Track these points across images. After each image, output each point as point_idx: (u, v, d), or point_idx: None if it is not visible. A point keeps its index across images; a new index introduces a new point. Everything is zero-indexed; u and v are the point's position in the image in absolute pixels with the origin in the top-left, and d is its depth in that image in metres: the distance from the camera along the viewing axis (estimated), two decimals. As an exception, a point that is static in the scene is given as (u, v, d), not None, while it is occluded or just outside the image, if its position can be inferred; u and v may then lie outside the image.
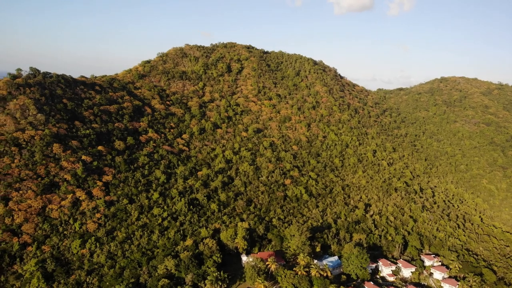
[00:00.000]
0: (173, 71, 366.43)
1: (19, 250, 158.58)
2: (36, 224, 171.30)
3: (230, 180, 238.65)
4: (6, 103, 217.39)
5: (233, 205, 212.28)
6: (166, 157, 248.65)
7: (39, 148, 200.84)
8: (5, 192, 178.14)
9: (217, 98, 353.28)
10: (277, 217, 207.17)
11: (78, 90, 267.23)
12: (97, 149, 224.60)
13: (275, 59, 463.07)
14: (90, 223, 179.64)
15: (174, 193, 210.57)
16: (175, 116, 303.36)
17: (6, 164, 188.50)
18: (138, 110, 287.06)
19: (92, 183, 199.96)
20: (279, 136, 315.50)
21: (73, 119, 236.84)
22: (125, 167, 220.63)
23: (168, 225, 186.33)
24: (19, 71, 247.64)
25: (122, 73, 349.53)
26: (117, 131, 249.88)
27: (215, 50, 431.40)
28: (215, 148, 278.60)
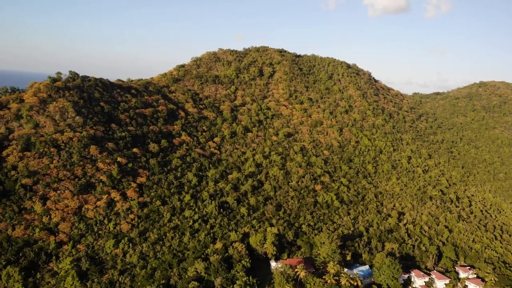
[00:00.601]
0: (206, 75, 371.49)
1: (55, 249, 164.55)
2: (72, 224, 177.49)
3: (260, 184, 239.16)
4: (46, 105, 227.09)
5: (262, 209, 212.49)
6: (198, 160, 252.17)
7: (76, 149, 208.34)
8: (44, 191, 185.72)
9: (248, 102, 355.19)
10: (307, 224, 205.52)
11: (114, 94, 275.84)
12: (132, 151, 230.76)
13: (308, 62, 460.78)
14: (124, 224, 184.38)
15: (205, 195, 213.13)
16: (207, 119, 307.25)
17: (45, 165, 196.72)
18: (172, 114, 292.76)
19: (126, 184, 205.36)
20: (310, 140, 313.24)
21: (110, 122, 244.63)
22: (158, 169, 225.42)
23: (198, 227, 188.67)
24: (59, 75, 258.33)
25: (157, 77, 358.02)
26: (152, 134, 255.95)
27: (248, 54, 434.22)
28: (245, 151, 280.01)
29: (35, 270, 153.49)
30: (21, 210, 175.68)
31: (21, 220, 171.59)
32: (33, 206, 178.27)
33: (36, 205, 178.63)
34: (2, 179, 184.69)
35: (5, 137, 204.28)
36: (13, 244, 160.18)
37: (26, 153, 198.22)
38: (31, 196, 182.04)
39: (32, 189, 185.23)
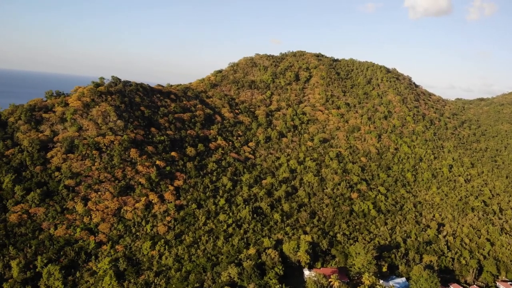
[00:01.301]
0: (243, 81, 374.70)
1: (94, 248, 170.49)
2: (111, 224, 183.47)
3: (294, 191, 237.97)
4: (89, 109, 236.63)
5: (296, 216, 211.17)
6: (233, 164, 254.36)
7: (117, 152, 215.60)
8: (85, 192, 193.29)
9: (283, 106, 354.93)
10: (342, 233, 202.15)
11: (155, 98, 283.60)
12: (170, 154, 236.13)
13: (345, 67, 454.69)
14: (160, 226, 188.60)
15: (239, 200, 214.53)
16: (242, 124, 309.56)
17: (87, 167, 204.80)
18: (209, 118, 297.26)
19: (164, 187, 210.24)
20: (346, 146, 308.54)
21: (150, 126, 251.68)
22: (195, 173, 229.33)
23: (232, 232, 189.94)
24: (101, 80, 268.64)
25: (195, 82, 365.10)
26: (189, 138, 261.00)
27: (284, 59, 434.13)
28: (280, 157, 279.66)
29: (75, 269, 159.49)
30: (63, 210, 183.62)
31: (63, 219, 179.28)
32: (75, 207, 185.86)
33: (77, 205, 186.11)
34: (46, 180, 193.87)
35: (50, 139, 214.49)
36: (54, 243, 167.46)
37: (69, 155, 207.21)
38: (73, 196, 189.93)
39: (74, 190, 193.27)
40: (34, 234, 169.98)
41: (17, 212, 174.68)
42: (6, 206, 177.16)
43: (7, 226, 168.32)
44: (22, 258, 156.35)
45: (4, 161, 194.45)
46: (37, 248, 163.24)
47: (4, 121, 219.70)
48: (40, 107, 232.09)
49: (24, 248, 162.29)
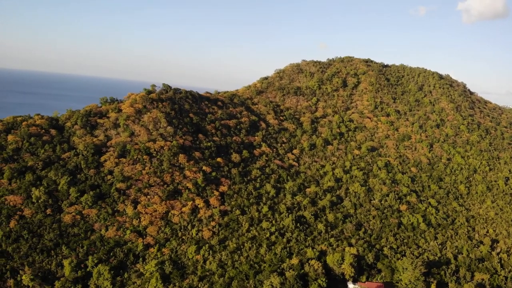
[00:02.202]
0: (288, 87, 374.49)
1: (142, 251, 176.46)
2: (159, 228, 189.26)
3: (339, 200, 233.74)
4: (141, 115, 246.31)
5: (341, 227, 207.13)
6: (276, 171, 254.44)
7: (167, 157, 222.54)
8: (135, 196, 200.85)
9: (329, 113, 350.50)
10: (389, 246, 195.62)
11: (203, 106, 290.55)
12: (216, 160, 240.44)
13: (396, 73, 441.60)
14: (205, 231, 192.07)
15: (282, 208, 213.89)
16: (287, 131, 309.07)
17: (138, 171, 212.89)
18: (254, 125, 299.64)
19: (210, 192, 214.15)
20: (396, 156, 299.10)
21: (197, 132, 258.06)
22: (239, 179, 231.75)
23: (275, 240, 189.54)
24: (153, 87, 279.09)
25: (242, 89, 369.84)
26: (235, 144, 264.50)
27: (331, 65, 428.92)
28: (324, 165, 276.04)
29: (123, 270, 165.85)
30: (114, 212, 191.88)
31: (113, 221, 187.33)
32: (125, 209, 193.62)
33: (128, 208, 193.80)
34: (99, 183, 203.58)
35: (103, 143, 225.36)
36: (105, 244, 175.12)
37: (121, 159, 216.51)
38: (124, 199, 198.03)
39: (125, 193, 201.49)
40: (86, 235, 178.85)
41: (71, 213, 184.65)
42: (61, 207, 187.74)
43: (61, 226, 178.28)
44: (74, 257, 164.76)
45: (61, 164, 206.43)
46: (88, 248, 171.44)
47: (61, 126, 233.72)
48: (95, 112, 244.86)
49: (77, 248, 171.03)
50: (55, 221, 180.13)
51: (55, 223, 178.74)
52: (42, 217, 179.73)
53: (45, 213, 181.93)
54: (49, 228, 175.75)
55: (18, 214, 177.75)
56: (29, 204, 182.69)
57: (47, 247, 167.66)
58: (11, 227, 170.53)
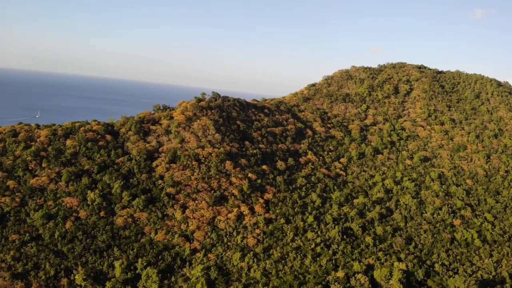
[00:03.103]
0: (337, 94, 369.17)
1: (189, 255, 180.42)
2: (205, 233, 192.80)
3: (388, 213, 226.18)
4: (191, 123, 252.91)
5: (390, 241, 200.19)
6: (322, 180, 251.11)
7: (214, 164, 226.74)
8: (184, 200, 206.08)
9: (380, 121, 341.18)
10: (440, 262, 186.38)
11: (249, 113, 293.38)
12: (262, 168, 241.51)
13: (451, 79, 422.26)
14: (250, 238, 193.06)
15: (328, 219, 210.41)
16: (334, 139, 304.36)
17: (187, 176, 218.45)
18: (300, 132, 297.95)
19: (255, 199, 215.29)
20: (450, 167, 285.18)
21: (244, 139, 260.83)
22: (284, 187, 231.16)
23: (320, 251, 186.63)
24: (203, 95, 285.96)
25: (288, 96, 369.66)
26: (280, 152, 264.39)
27: (382, 71, 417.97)
28: (374, 175, 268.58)
29: (171, 274, 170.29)
30: (164, 216, 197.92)
31: (163, 225, 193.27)
32: (174, 214, 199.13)
33: (176, 212, 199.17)
34: (151, 187, 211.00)
35: (156, 149, 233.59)
36: (154, 247, 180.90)
37: (172, 165, 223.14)
38: (173, 204, 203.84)
39: (174, 197, 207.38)
40: (137, 237, 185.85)
41: (123, 216, 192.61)
42: (114, 210, 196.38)
43: (114, 228, 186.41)
44: (125, 259, 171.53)
45: (115, 168, 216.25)
46: (138, 250, 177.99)
47: (116, 132, 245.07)
48: (148, 119, 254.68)
49: (127, 250, 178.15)
50: (108, 223, 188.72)
51: (108, 225, 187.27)
52: (96, 219, 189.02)
53: (99, 215, 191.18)
54: (102, 230, 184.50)
55: (74, 215, 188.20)
56: (85, 206, 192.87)
57: (100, 248, 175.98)
58: (67, 227, 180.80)
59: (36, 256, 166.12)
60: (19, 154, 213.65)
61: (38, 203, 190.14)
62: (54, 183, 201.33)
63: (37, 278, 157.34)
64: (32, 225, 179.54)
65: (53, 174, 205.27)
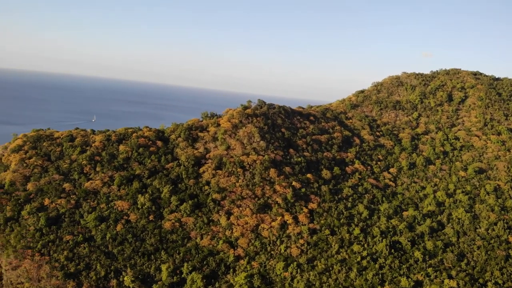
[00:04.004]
0: (387, 101, 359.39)
1: (233, 262, 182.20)
2: (249, 240, 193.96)
3: (439, 227, 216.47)
4: (237, 130, 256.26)
5: (440, 256, 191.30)
6: (370, 191, 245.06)
7: (258, 171, 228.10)
8: (229, 207, 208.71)
9: (432, 130, 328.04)
10: (493, 281, 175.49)
11: (295, 120, 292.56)
12: (306, 176, 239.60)
13: (508, 86, 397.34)
14: (293, 248, 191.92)
15: (375, 231, 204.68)
16: (383, 148, 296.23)
17: (232, 183, 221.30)
18: (347, 141, 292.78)
19: (299, 208, 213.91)
20: (507, 179, 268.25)
21: (288, 147, 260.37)
22: (329, 197, 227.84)
23: (366, 265, 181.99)
24: (249, 103, 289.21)
25: (335, 103, 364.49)
26: (325, 160, 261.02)
27: (435, 77, 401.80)
28: (425, 186, 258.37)
29: (215, 279, 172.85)
30: (209, 222, 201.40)
31: (208, 230, 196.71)
32: (219, 219, 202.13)
33: (221, 218, 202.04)
34: (197, 193, 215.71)
35: (203, 156, 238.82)
36: (199, 252, 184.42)
37: (218, 171, 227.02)
38: (218, 210, 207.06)
39: (220, 203, 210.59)
40: (183, 242, 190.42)
41: (171, 220, 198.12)
42: (162, 214, 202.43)
43: (162, 232, 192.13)
44: (171, 263, 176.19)
45: (165, 173, 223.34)
46: (184, 255, 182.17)
47: (166, 138, 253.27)
48: (196, 126, 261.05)
49: (174, 254, 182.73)
50: (157, 227, 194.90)
51: (156, 229, 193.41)
52: (145, 222, 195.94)
53: (148, 219, 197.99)
54: (150, 233, 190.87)
55: (125, 218, 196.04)
56: (135, 209, 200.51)
57: (148, 251, 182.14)
58: (117, 230, 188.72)
59: (88, 256, 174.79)
60: (75, 158, 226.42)
61: (91, 205, 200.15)
62: (107, 187, 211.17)
63: (88, 278, 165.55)
64: (85, 227, 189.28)
65: (106, 178, 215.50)
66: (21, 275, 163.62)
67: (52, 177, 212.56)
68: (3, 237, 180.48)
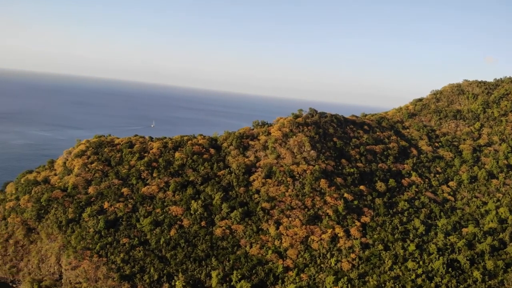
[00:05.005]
0: (446, 110, 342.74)
1: (282, 272, 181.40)
2: (298, 252, 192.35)
3: (501, 245, 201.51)
4: (287, 139, 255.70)
5: (501, 277, 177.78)
6: (427, 205, 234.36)
7: (309, 181, 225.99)
8: (278, 216, 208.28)
9: (495, 141, 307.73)
10: None
11: (347, 130, 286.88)
12: (359, 188, 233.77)
13: None
14: (344, 262, 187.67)
15: (432, 248, 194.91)
16: (442, 159, 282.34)
17: (281, 192, 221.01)
18: (404, 151, 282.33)
19: (350, 221, 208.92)
20: None
21: (340, 157, 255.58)
22: (383, 211, 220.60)
23: (421, 283, 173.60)
24: (300, 111, 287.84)
25: (391, 112, 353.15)
26: (380, 172, 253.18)
27: (499, 86, 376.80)
28: (487, 202, 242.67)
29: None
30: (258, 231, 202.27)
31: (257, 239, 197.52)
32: (268, 229, 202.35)
33: (271, 228, 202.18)
34: (247, 201, 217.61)
35: (253, 164, 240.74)
36: (249, 261, 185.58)
37: (267, 180, 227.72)
38: (267, 219, 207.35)
39: (269, 213, 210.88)
40: (233, 249, 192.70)
41: (222, 227, 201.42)
42: (214, 221, 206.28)
43: (213, 238, 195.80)
44: (221, 270, 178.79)
45: (216, 180, 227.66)
46: (234, 262, 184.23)
47: (219, 146, 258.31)
48: (247, 135, 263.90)
49: (224, 261, 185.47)
50: (208, 233, 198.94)
51: (207, 235, 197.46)
52: (198, 228, 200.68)
53: (200, 224, 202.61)
54: (202, 239, 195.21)
55: (178, 223, 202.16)
56: (188, 215, 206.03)
57: (199, 257, 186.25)
58: (171, 235, 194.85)
59: (143, 260, 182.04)
60: (133, 164, 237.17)
61: (147, 210, 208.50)
62: (163, 192, 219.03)
63: (142, 281, 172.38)
64: (141, 230, 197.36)
65: (162, 183, 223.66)
66: (79, 275, 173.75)
67: (112, 181, 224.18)
68: (65, 238, 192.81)
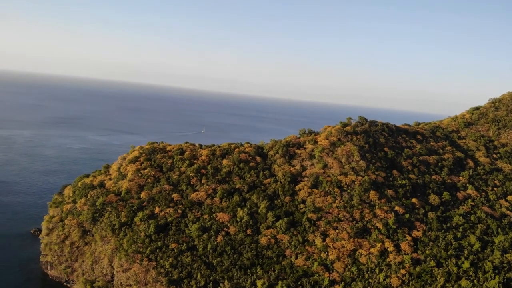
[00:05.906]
0: (506, 119, 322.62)
1: (328, 286, 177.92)
2: (345, 265, 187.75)
3: None
4: (335, 148, 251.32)
5: None
6: (484, 220, 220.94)
7: (357, 193, 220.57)
8: (325, 228, 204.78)
9: None
10: None
11: (399, 139, 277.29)
12: (411, 201, 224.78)
13: None
14: (394, 278, 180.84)
15: (488, 266, 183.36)
16: (501, 172, 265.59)
17: (328, 203, 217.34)
18: (459, 163, 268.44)
19: (401, 236, 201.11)
20: None
21: (391, 168, 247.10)
22: (437, 225, 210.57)
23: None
24: (349, 120, 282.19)
25: (446, 121, 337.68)
26: (434, 184, 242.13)
27: None
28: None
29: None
30: (304, 241, 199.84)
31: (303, 250, 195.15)
32: (314, 240, 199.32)
33: (317, 239, 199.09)
34: (293, 210, 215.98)
35: (299, 173, 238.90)
36: (294, 272, 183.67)
37: (314, 190, 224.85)
38: (313, 230, 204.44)
39: (315, 224, 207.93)
40: (278, 259, 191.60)
41: (267, 236, 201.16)
42: (259, 229, 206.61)
43: (258, 247, 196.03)
44: (266, 279, 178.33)
45: (262, 189, 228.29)
46: (279, 273, 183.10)
47: (265, 154, 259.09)
48: (294, 143, 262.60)
49: (269, 270, 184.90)
50: (253, 241, 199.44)
51: (253, 243, 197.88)
52: (243, 236, 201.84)
53: (246, 232, 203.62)
54: (248, 247, 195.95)
55: (225, 230, 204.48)
56: (234, 222, 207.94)
57: (245, 265, 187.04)
58: (218, 241, 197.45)
59: (190, 265, 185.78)
60: (184, 170, 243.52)
61: (195, 215, 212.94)
62: (210, 199, 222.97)
63: (189, 286, 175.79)
64: (189, 236, 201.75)
65: (210, 190, 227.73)
66: (130, 278, 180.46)
67: (163, 187, 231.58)
68: (117, 241, 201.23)
